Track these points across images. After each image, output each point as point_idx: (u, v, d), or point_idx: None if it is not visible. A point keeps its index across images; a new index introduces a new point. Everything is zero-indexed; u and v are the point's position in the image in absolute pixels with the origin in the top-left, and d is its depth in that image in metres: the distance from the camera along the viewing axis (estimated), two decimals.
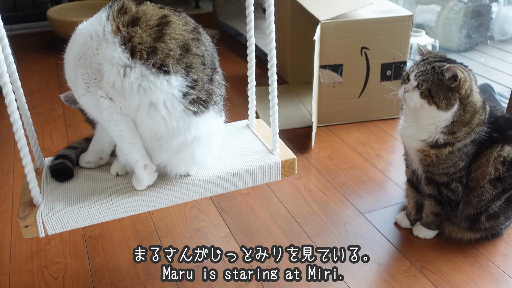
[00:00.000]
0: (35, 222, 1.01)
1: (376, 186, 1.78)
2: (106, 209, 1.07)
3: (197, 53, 1.02)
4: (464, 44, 3.00)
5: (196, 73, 1.02)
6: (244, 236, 1.53)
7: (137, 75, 0.97)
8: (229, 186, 1.17)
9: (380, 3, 2.25)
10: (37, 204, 1.05)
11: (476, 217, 1.41)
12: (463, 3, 2.93)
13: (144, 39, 0.97)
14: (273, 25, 1.16)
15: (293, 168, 1.23)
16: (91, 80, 1.01)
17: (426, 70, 1.30)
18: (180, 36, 1.00)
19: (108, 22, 0.99)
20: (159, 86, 0.97)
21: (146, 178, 1.08)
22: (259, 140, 1.30)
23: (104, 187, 1.11)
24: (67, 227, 1.04)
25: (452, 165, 1.36)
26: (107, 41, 0.98)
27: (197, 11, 4.23)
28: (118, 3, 1.02)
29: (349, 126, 2.22)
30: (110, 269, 1.41)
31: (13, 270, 1.41)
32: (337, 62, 2.10)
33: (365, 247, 1.48)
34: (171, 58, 0.98)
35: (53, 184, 1.13)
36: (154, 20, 0.99)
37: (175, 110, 1.00)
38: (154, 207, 1.11)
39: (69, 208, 1.04)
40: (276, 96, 1.20)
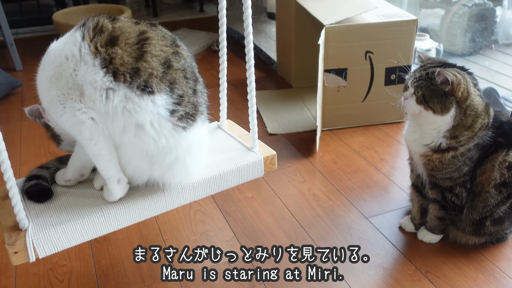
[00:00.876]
0: (25, 247, 0.96)
1: (381, 190, 1.78)
2: (99, 224, 1.04)
3: (178, 68, 1.01)
4: (468, 48, 3.00)
5: (180, 88, 1.00)
6: (249, 239, 1.54)
7: (121, 97, 0.95)
8: (217, 187, 1.18)
9: (384, 8, 2.25)
10: (23, 228, 0.99)
11: (481, 222, 1.41)
12: (467, 7, 2.93)
13: (125, 60, 0.95)
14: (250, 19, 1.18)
15: (273, 164, 1.26)
16: (67, 100, 0.98)
17: (421, 76, 1.32)
18: (161, 52, 0.99)
19: (84, 42, 0.97)
20: (144, 107, 0.96)
21: (119, 192, 1.06)
22: (236, 140, 1.32)
23: (92, 202, 1.08)
24: (59, 248, 1.00)
25: (455, 170, 1.36)
26: (86, 63, 0.96)
27: (202, 15, 4.25)
28: (92, 22, 0.99)
29: (354, 130, 2.22)
30: (115, 273, 1.42)
31: (19, 273, 1.42)
32: (341, 66, 2.11)
33: (370, 251, 1.48)
34: (155, 77, 0.96)
35: (36, 207, 1.08)
36: (133, 38, 0.97)
37: (163, 129, 0.99)
38: (147, 216, 1.10)
39: (60, 228, 0.99)
40: (255, 96, 1.24)
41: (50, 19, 3.24)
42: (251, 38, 1.20)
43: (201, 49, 3.31)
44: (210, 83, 2.74)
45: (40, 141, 2.16)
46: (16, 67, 2.96)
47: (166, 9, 4.44)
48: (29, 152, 2.08)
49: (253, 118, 1.26)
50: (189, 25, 3.81)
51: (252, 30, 1.24)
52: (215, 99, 2.75)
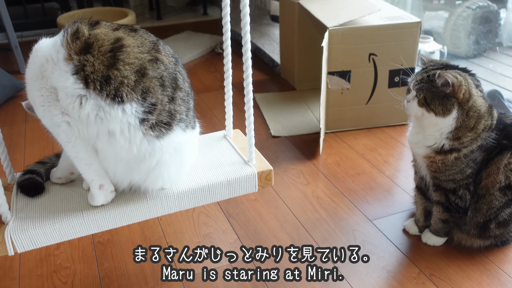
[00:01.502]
0: (3, 240, 0.98)
1: (384, 192, 1.78)
2: (78, 225, 1.04)
3: (154, 76, 0.99)
4: (472, 51, 3.00)
5: (154, 96, 0.98)
6: (252, 242, 1.53)
7: (93, 106, 0.95)
8: (204, 199, 1.14)
9: (388, 10, 2.25)
10: (5, 221, 1.02)
11: (485, 225, 1.40)
12: (471, 9, 2.93)
13: (96, 68, 0.95)
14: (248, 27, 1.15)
15: (269, 179, 1.20)
16: (46, 102, 0.99)
17: (422, 78, 1.32)
18: (135, 60, 0.97)
19: (62, 47, 0.97)
20: (114, 115, 0.95)
21: (101, 198, 1.06)
22: (236, 151, 1.27)
23: (76, 203, 1.08)
24: (37, 244, 1.02)
25: (458, 172, 1.35)
26: (60, 68, 0.96)
27: (205, 17, 4.26)
28: (72, 27, 0.99)
29: (357, 132, 2.22)
30: (119, 275, 1.42)
31: (22, 275, 1.42)
32: (345, 69, 2.10)
33: (373, 254, 1.47)
34: (126, 86, 0.95)
35: (23, 201, 1.10)
36: (107, 46, 0.96)
37: (134, 137, 0.98)
38: (127, 222, 1.09)
39: (39, 225, 1.01)
40: (252, 107, 1.19)
41: (55, 22, 3.26)
42: (248, 38, 1.18)
43: (205, 52, 3.32)
44: (214, 85, 2.76)
45: (44, 143, 2.17)
46: (20, 69, 2.98)
47: (169, 12, 4.45)
48: (33, 154, 2.08)
49: (250, 130, 1.19)
50: (192, 28, 3.82)
51: (256, 33, 1.24)
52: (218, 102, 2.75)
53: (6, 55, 3.31)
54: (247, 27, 1.18)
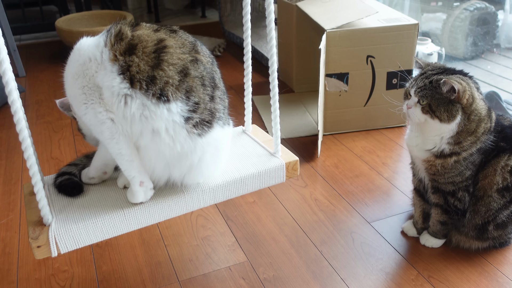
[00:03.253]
0: (48, 242, 1.00)
1: (383, 194, 1.78)
2: (119, 223, 1.06)
3: (196, 76, 1.02)
4: (470, 52, 3.00)
5: (197, 95, 1.01)
6: (250, 244, 1.53)
7: (138, 105, 0.98)
8: (237, 191, 1.19)
9: (385, 12, 2.25)
10: (47, 223, 1.03)
11: (484, 226, 1.40)
12: (469, 11, 2.93)
13: (141, 68, 0.97)
14: (273, 32, 1.16)
15: (296, 169, 1.26)
16: (89, 100, 1.01)
17: (425, 85, 1.30)
18: (178, 61, 1.00)
19: (106, 48, 0.99)
20: (159, 114, 0.98)
21: (141, 195, 1.07)
22: (259, 145, 1.32)
23: (114, 201, 1.10)
24: (80, 244, 1.03)
25: (458, 174, 1.35)
26: (105, 68, 0.99)
27: (203, 20, 4.27)
28: (115, 28, 1.02)
29: (355, 134, 2.22)
30: (117, 278, 1.41)
31: (20, 278, 1.42)
32: (343, 71, 2.11)
33: (372, 256, 1.47)
34: (171, 86, 0.98)
35: (61, 202, 1.11)
36: (151, 47, 0.99)
37: (178, 135, 1.01)
38: (166, 217, 1.11)
39: (82, 225, 1.02)
40: (278, 101, 1.23)
41: (53, 26, 3.26)
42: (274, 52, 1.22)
43: None
44: None
45: (43, 147, 2.17)
46: (19, 73, 2.98)
47: (168, 15, 4.46)
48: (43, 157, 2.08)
49: (276, 123, 1.25)
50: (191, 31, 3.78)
51: (254, 36, 1.25)
52: None
53: None
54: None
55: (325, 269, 1.43)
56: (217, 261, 1.47)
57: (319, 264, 1.45)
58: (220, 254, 1.50)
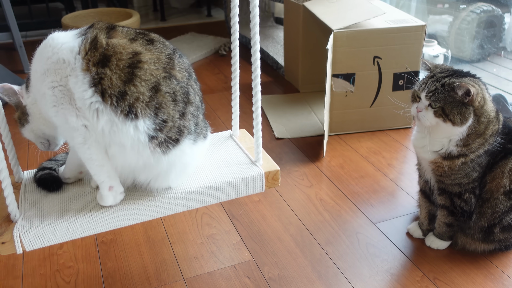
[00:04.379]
0: (12, 238, 0.98)
1: (388, 195, 1.77)
2: (86, 224, 1.04)
3: (167, 91, 0.99)
4: (476, 55, 2.99)
5: (166, 112, 0.99)
6: (255, 243, 1.53)
7: (107, 120, 0.96)
8: (211, 199, 1.15)
9: (392, 13, 2.25)
10: (14, 219, 1.02)
11: (489, 229, 1.40)
12: (476, 13, 2.93)
13: (113, 83, 0.94)
14: (257, 18, 1.15)
15: (276, 180, 1.20)
16: (59, 104, 0.98)
17: (436, 89, 1.28)
18: (151, 77, 0.97)
19: (79, 56, 0.95)
20: (126, 132, 0.97)
21: (110, 199, 1.06)
22: (242, 151, 1.27)
23: (84, 201, 1.09)
24: (45, 243, 1.02)
25: (465, 176, 1.35)
26: (76, 76, 0.95)
27: (209, 19, 4.27)
28: (91, 34, 0.98)
29: (361, 135, 2.21)
30: (122, 275, 1.42)
31: (25, 274, 1.42)
32: (349, 71, 2.10)
33: (377, 257, 1.47)
34: (141, 102, 0.96)
35: (32, 199, 1.10)
36: (125, 60, 0.95)
37: (142, 152, 1.00)
38: (135, 221, 1.09)
39: (47, 224, 1.01)
40: (260, 107, 1.19)
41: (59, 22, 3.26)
42: (257, 48, 1.19)
43: (209, 53, 3.32)
44: (217, 87, 2.76)
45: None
46: (25, 69, 2.98)
47: (174, 13, 4.46)
48: (37, 154, 2.08)
49: (258, 130, 1.19)
50: (196, 29, 3.82)
51: (260, 35, 1.23)
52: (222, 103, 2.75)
53: (10, 55, 3.32)
54: (257, 28, 1.20)
55: (330, 269, 1.42)
56: (222, 260, 1.47)
57: (324, 264, 1.44)
58: (225, 252, 1.50)
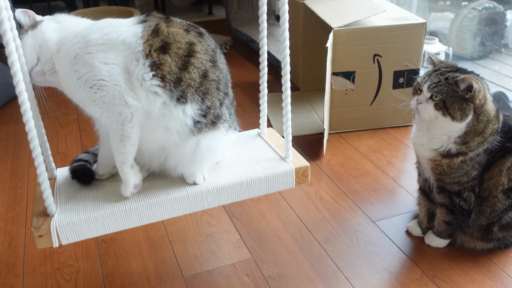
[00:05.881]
0: (49, 232, 1.01)
1: (388, 194, 1.77)
2: (120, 218, 1.06)
3: (213, 79, 1.07)
4: (478, 52, 2.98)
5: (210, 99, 1.06)
6: (255, 242, 1.54)
7: (161, 103, 1.01)
8: (242, 194, 1.17)
9: (393, 11, 2.25)
10: (51, 214, 1.04)
11: (488, 227, 1.40)
12: (477, 10, 2.92)
13: (172, 69, 1.00)
14: (287, 32, 1.16)
15: (306, 176, 1.22)
16: (111, 80, 0.99)
17: (440, 81, 1.28)
18: (201, 65, 1.04)
19: (141, 40, 1.00)
20: (175, 115, 1.03)
21: (132, 177, 1.08)
22: (272, 148, 1.30)
23: (118, 196, 1.11)
24: (81, 236, 1.04)
25: (464, 174, 1.35)
26: (138, 59, 0.99)
27: (210, 17, 4.26)
28: (152, 22, 1.03)
29: (361, 133, 2.21)
30: (122, 273, 1.42)
31: (26, 272, 1.43)
32: (349, 69, 2.10)
33: (376, 255, 1.47)
34: (191, 88, 1.02)
35: (67, 194, 1.13)
36: (183, 50, 1.02)
37: (183, 136, 1.06)
38: (169, 216, 1.11)
39: (83, 218, 1.03)
40: (289, 104, 1.20)
41: None
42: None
43: None
44: None
45: (50, 141, 2.17)
46: None
47: (175, 12, 4.46)
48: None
49: (288, 127, 1.22)
50: None
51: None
52: None
53: None
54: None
55: (329, 267, 1.43)
56: (222, 258, 1.47)
57: (323, 262, 1.45)
58: (224, 251, 1.50)
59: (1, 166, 2.00)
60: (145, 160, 1.14)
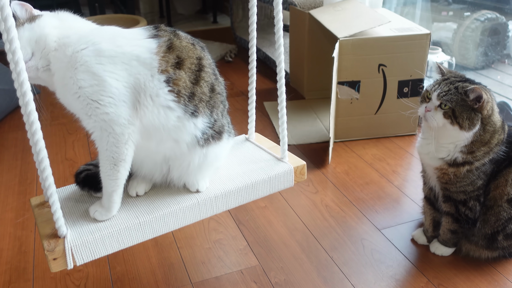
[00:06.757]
0: (64, 254, 0.98)
1: (393, 202, 1.79)
2: (135, 232, 1.05)
3: (219, 92, 1.11)
4: (480, 62, 3.01)
5: (216, 112, 1.10)
6: (262, 249, 1.55)
7: (175, 117, 1.02)
8: (248, 197, 1.21)
9: (397, 21, 2.28)
10: (62, 235, 1.00)
11: (493, 236, 1.41)
12: (480, 21, 2.95)
13: (187, 84, 1.02)
14: (281, 39, 1.18)
15: (303, 174, 1.29)
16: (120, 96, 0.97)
17: (450, 90, 1.30)
18: (209, 79, 1.07)
19: (156, 56, 0.98)
20: (187, 128, 1.04)
21: (117, 207, 1.07)
22: (265, 151, 1.35)
23: (129, 210, 1.10)
24: (96, 255, 1.02)
25: (470, 184, 1.37)
26: (153, 75, 0.98)
27: (215, 26, 4.30)
28: (165, 36, 1.02)
29: (366, 142, 2.23)
30: (131, 278, 1.44)
31: (36, 277, 1.45)
32: (354, 79, 2.13)
33: (382, 263, 1.48)
34: (203, 102, 1.05)
35: (75, 215, 1.10)
36: (195, 64, 1.04)
37: (192, 147, 1.08)
38: (181, 225, 1.12)
39: (98, 236, 1.01)
40: (285, 107, 1.25)
41: None
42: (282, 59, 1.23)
43: (215, 60, 3.34)
44: None
45: (57, 148, 2.20)
46: None
47: (180, 20, 4.50)
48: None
49: (283, 129, 1.27)
50: (202, 36, 3.84)
51: (265, 42, 1.30)
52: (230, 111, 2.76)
53: None
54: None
55: (336, 274, 1.44)
56: (229, 264, 1.49)
57: (330, 269, 1.46)
58: (232, 257, 1.52)
59: (10, 172, 2.02)
60: (146, 171, 1.13)
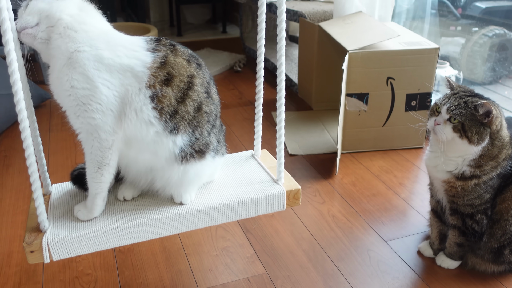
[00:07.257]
0: (41, 248, 1.02)
1: (399, 214, 1.80)
2: (112, 236, 1.08)
3: (206, 111, 1.09)
4: (488, 77, 3.03)
5: (199, 131, 1.08)
6: (269, 257, 1.57)
7: (154, 132, 1.03)
8: (233, 215, 1.18)
9: (406, 35, 2.30)
10: (43, 229, 1.05)
11: (499, 250, 1.42)
12: (488, 36, 2.97)
13: (172, 102, 1.02)
14: (283, 50, 1.19)
15: (297, 198, 1.24)
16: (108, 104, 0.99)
17: (459, 104, 1.32)
18: (197, 97, 1.06)
19: (148, 71, 1.00)
20: (165, 144, 1.05)
21: (99, 210, 1.10)
22: (264, 170, 1.32)
23: (111, 213, 1.13)
24: (72, 253, 1.05)
25: (477, 197, 1.38)
26: (140, 89, 1.00)
27: (224, 35, 4.35)
28: (161, 52, 1.03)
29: (373, 154, 2.25)
30: (139, 283, 1.45)
31: (46, 280, 1.46)
32: (363, 91, 2.15)
33: (388, 274, 1.49)
34: (185, 121, 1.05)
35: (60, 211, 1.14)
36: (184, 83, 1.04)
37: (170, 162, 1.09)
38: (160, 235, 1.12)
39: (75, 235, 1.04)
40: (283, 128, 1.23)
41: None
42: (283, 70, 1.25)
43: (224, 69, 3.39)
44: (232, 103, 2.82)
45: (68, 153, 2.23)
46: (45, 80, 3.05)
47: (190, 29, 4.55)
48: (57, 163, 2.14)
49: (280, 150, 1.24)
50: (212, 45, 3.90)
51: (274, 53, 1.31)
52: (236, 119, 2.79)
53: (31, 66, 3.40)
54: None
55: (342, 285, 1.45)
56: (236, 272, 1.50)
57: (336, 279, 1.47)
58: (239, 265, 1.53)
59: (21, 175, 2.04)
60: (132, 177, 1.16)
